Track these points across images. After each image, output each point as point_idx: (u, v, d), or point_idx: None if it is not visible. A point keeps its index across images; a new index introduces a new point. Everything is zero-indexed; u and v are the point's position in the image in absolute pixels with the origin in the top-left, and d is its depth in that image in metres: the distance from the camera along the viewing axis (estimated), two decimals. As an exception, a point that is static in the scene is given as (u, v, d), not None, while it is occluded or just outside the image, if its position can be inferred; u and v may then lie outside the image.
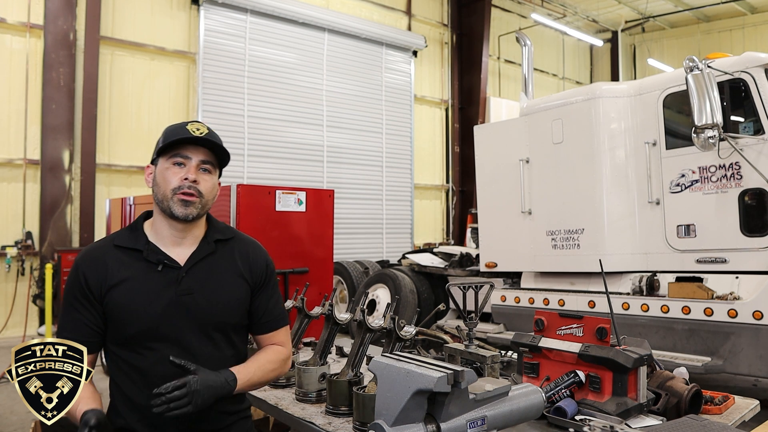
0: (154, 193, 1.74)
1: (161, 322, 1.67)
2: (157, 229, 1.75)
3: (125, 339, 1.68)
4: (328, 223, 5.02)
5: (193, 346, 1.70)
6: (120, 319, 1.66)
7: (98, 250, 1.73)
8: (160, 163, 1.73)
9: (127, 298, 1.66)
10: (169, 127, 1.79)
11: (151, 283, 1.69)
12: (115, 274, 1.67)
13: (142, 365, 1.67)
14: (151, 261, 1.71)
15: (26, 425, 4.88)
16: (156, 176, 1.74)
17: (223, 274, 1.77)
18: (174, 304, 1.68)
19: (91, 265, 1.68)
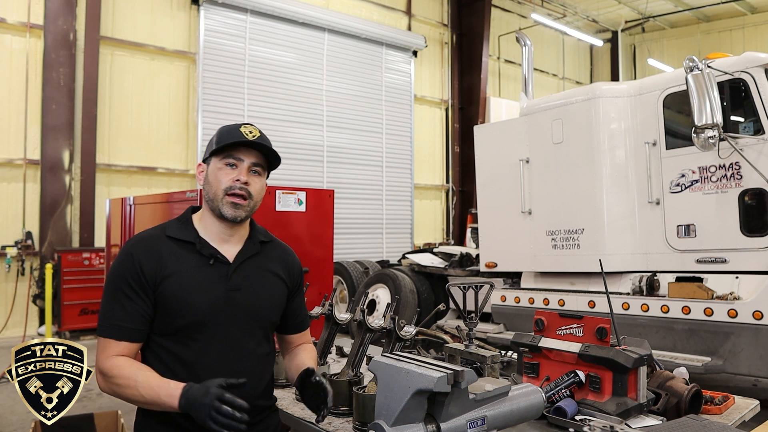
0: (205, 192, 1.78)
1: (210, 315, 1.69)
2: (206, 224, 1.78)
3: (173, 330, 1.68)
4: (328, 223, 5.02)
5: (237, 340, 1.73)
6: (171, 309, 1.66)
7: (151, 239, 1.73)
8: (213, 162, 1.77)
9: (180, 289, 1.67)
10: (223, 128, 1.81)
11: (202, 276, 1.70)
12: (169, 265, 1.68)
13: (187, 356, 1.68)
14: (204, 255, 1.73)
15: (26, 425, 4.88)
16: (208, 175, 1.77)
17: (266, 274, 1.83)
18: (223, 298, 1.70)
19: (146, 254, 1.68)
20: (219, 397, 1.50)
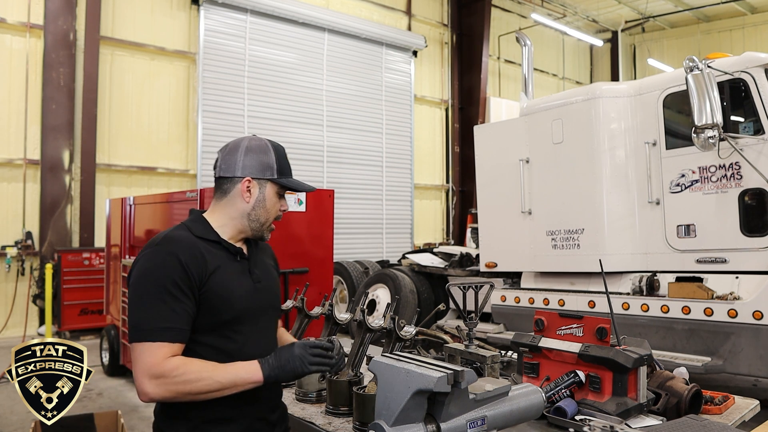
0: (255, 212, 1.81)
1: (246, 306, 1.75)
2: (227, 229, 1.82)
3: (218, 324, 1.70)
4: (328, 223, 5.01)
5: (266, 327, 1.85)
6: (216, 305, 1.68)
7: (187, 239, 1.71)
8: (270, 188, 1.83)
9: (222, 285, 1.70)
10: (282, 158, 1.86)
11: (234, 271, 1.76)
12: (211, 262, 1.70)
13: (231, 348, 1.71)
14: (231, 252, 1.79)
15: (26, 425, 4.88)
16: (266, 200, 1.82)
17: (268, 266, 1.96)
18: (252, 290, 1.78)
19: (190, 254, 1.66)
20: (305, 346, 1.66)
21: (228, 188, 1.81)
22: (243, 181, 1.78)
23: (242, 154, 1.80)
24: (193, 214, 1.85)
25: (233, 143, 1.85)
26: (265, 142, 1.84)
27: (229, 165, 1.80)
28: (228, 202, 1.81)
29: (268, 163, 1.80)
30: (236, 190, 1.80)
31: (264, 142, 1.84)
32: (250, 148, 1.81)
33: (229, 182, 1.81)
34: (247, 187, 1.79)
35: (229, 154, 1.82)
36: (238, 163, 1.79)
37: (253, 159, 1.80)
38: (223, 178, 1.82)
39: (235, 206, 1.80)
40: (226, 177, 1.81)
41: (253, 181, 1.80)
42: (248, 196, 1.79)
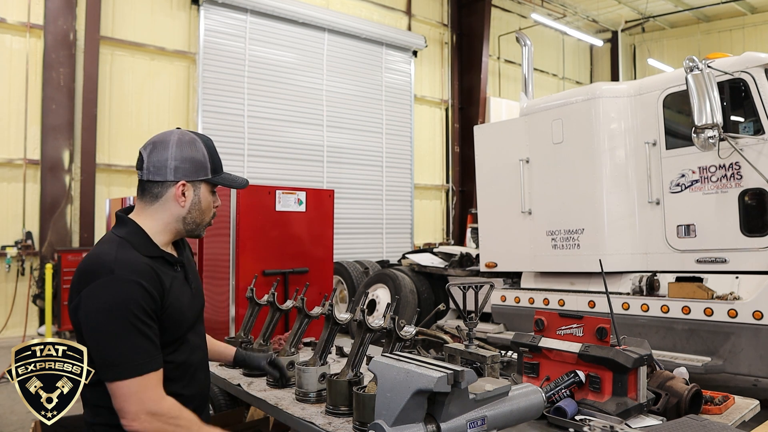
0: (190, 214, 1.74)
1: (192, 315, 1.77)
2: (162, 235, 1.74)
3: (174, 339, 1.69)
4: (328, 223, 5.01)
5: (200, 330, 1.86)
6: (176, 321, 1.68)
7: (139, 262, 1.62)
8: (204, 188, 1.75)
9: (177, 300, 1.69)
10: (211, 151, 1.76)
11: (178, 284, 1.73)
12: (165, 282, 1.66)
13: (180, 359, 1.72)
14: (171, 263, 1.74)
15: (26, 425, 4.88)
16: (201, 202, 1.74)
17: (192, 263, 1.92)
18: (191, 298, 1.78)
19: (150, 279, 1.61)
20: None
21: (159, 192, 1.71)
22: (177, 185, 1.69)
23: (172, 153, 1.67)
24: (127, 225, 1.71)
25: (158, 139, 1.72)
26: (193, 136, 1.74)
27: (158, 167, 1.68)
28: (160, 207, 1.72)
29: (201, 162, 1.71)
30: (169, 194, 1.70)
31: (191, 137, 1.73)
32: (179, 146, 1.69)
33: (160, 186, 1.70)
34: (182, 191, 1.70)
35: (156, 154, 1.69)
36: (169, 164, 1.67)
37: (185, 158, 1.69)
38: (152, 182, 1.70)
39: (169, 211, 1.72)
40: (156, 181, 1.70)
41: (187, 185, 1.70)
42: (183, 200, 1.71)
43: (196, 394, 1.76)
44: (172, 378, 1.70)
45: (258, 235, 4.44)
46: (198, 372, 1.78)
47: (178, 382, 1.71)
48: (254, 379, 2.87)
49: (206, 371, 1.87)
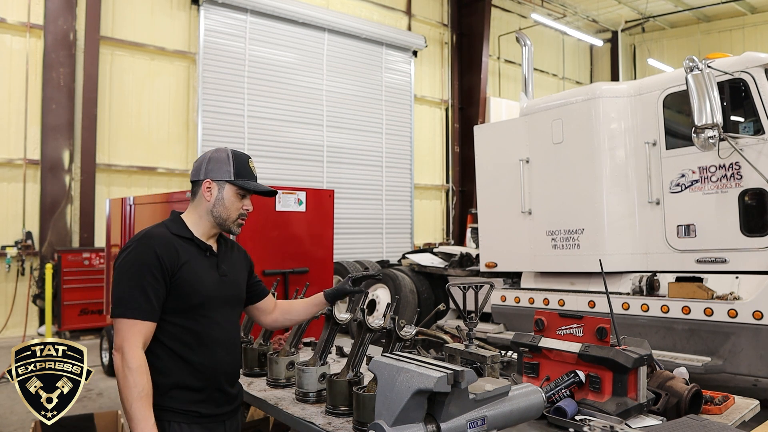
0: (215, 209, 2.10)
1: (212, 295, 2.04)
2: (198, 226, 2.12)
3: (188, 308, 1.99)
4: (328, 223, 5.01)
5: (229, 314, 2.13)
6: (186, 291, 1.97)
7: (164, 235, 2.02)
8: (229, 190, 2.11)
9: (192, 275, 2.00)
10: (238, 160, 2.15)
11: (203, 265, 2.06)
12: (183, 255, 2.00)
13: (197, 328, 2.00)
14: (201, 248, 2.08)
15: (26, 425, 4.88)
16: (224, 200, 2.11)
17: (236, 261, 2.23)
18: (218, 281, 2.08)
19: (165, 247, 1.97)
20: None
21: (196, 191, 2.14)
22: (204, 182, 2.11)
23: (206, 161, 2.13)
24: (173, 215, 2.16)
25: (204, 154, 2.18)
26: (228, 151, 2.16)
27: (196, 171, 2.14)
28: (197, 202, 2.13)
29: (226, 168, 2.11)
30: (200, 191, 2.11)
31: (226, 151, 2.16)
32: (212, 157, 2.14)
33: (196, 185, 2.14)
34: (207, 187, 2.10)
35: (198, 162, 2.15)
36: (202, 168, 2.12)
37: (214, 164, 2.12)
38: (193, 182, 2.15)
39: (201, 205, 2.11)
40: (194, 181, 2.15)
41: (212, 183, 2.10)
42: (209, 195, 2.10)
43: (208, 365, 2.00)
44: (185, 342, 1.98)
45: (258, 235, 4.44)
46: (217, 348, 2.03)
47: (190, 349, 1.98)
48: (254, 379, 2.87)
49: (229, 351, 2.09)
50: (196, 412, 1.98)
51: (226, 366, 2.07)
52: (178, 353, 1.96)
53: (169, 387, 1.94)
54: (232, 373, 2.12)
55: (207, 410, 2.00)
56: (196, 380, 1.98)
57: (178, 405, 1.95)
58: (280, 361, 2.72)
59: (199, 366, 1.98)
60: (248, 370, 2.93)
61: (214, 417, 2.02)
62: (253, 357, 2.93)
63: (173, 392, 1.95)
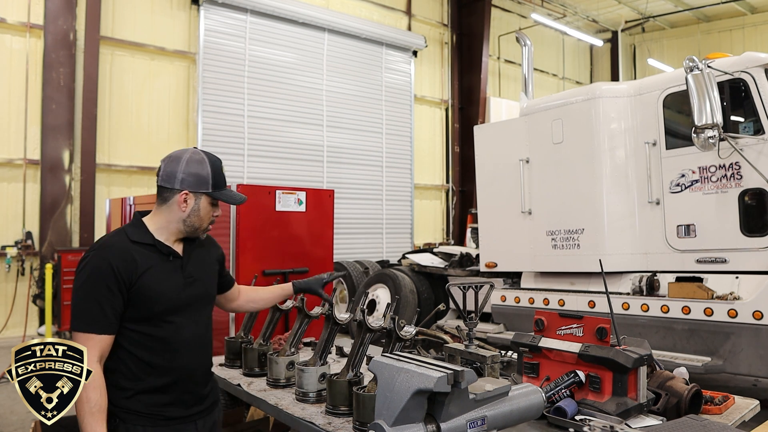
0: (189, 218, 2.07)
1: (177, 300, 2.03)
2: (164, 231, 2.08)
3: (150, 315, 1.98)
4: (328, 223, 5.01)
5: (198, 315, 2.11)
6: (148, 299, 1.96)
7: (121, 244, 1.99)
8: (204, 201, 2.08)
9: (154, 282, 1.98)
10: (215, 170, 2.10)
11: (165, 270, 2.03)
12: (142, 264, 1.97)
13: (163, 334, 1.99)
14: (163, 253, 2.04)
15: (26, 425, 4.88)
16: (200, 210, 2.08)
17: (205, 260, 2.21)
18: (182, 285, 2.05)
19: (120, 258, 1.94)
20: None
21: (168, 197, 2.06)
22: (181, 193, 2.04)
23: (182, 167, 2.05)
24: (135, 219, 2.12)
25: (175, 155, 2.10)
26: (203, 156, 2.10)
27: (169, 176, 2.05)
28: (167, 208, 2.06)
29: (204, 178, 2.06)
30: (174, 200, 2.05)
31: (201, 157, 2.09)
32: (189, 162, 2.06)
33: (168, 192, 2.06)
34: (184, 198, 2.05)
35: (170, 166, 2.06)
36: (177, 175, 2.04)
37: (191, 173, 2.05)
38: (163, 188, 2.06)
39: (173, 213, 2.06)
40: (166, 187, 2.06)
41: (189, 194, 2.05)
42: (185, 206, 2.06)
43: (175, 368, 2.00)
44: (149, 348, 1.98)
45: (258, 235, 4.44)
46: (183, 350, 2.03)
47: (155, 354, 1.98)
48: (254, 379, 2.88)
49: (198, 352, 2.09)
50: (162, 414, 1.98)
51: (195, 367, 2.07)
52: (142, 359, 1.95)
53: (135, 391, 1.95)
54: (202, 373, 2.12)
55: (175, 413, 2.00)
56: (162, 384, 1.98)
57: (143, 408, 1.95)
58: (280, 361, 2.72)
59: (166, 370, 1.98)
60: (248, 370, 2.93)
61: (182, 419, 2.02)
62: (253, 357, 2.93)
63: (139, 396, 1.95)
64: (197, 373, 2.09)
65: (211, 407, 2.16)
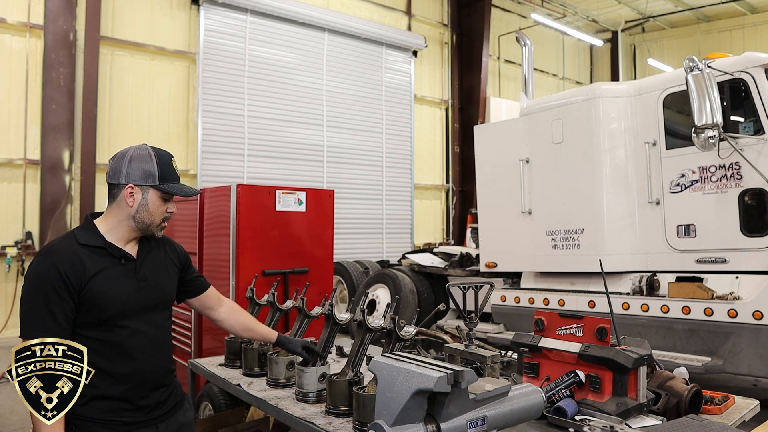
0: (138, 215, 2.02)
1: (130, 303, 1.98)
2: (116, 231, 2.03)
3: (101, 320, 1.93)
4: (328, 223, 5.01)
5: (153, 319, 2.07)
6: (99, 304, 1.92)
7: (69, 248, 1.94)
8: (152, 193, 2.03)
9: (105, 286, 1.93)
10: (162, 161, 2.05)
11: (116, 273, 1.98)
12: (91, 268, 1.92)
13: (117, 340, 1.95)
14: (115, 256, 2.00)
15: (26, 425, 4.88)
16: (148, 204, 2.02)
17: (162, 262, 2.16)
18: (136, 288, 2.01)
19: (68, 263, 1.89)
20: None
21: (116, 194, 2.02)
22: (126, 187, 2.00)
23: (127, 162, 2.01)
24: (86, 221, 2.07)
25: (121, 152, 2.06)
26: (149, 150, 2.05)
27: (115, 172, 2.02)
28: (116, 206, 2.02)
29: (150, 171, 2.01)
30: (122, 196, 2.01)
31: (147, 151, 2.05)
32: (133, 157, 2.02)
33: (116, 188, 2.02)
34: (129, 192, 2.00)
35: (116, 162, 2.03)
36: (122, 170, 2.00)
37: (136, 167, 2.01)
38: (111, 185, 2.03)
39: (121, 210, 2.02)
40: (113, 183, 2.03)
41: (135, 188, 2.01)
42: (132, 200, 2.01)
43: (131, 373, 1.97)
44: (102, 354, 1.93)
45: (258, 235, 4.44)
46: (138, 354, 1.98)
47: (109, 360, 1.94)
48: (254, 379, 2.88)
49: (154, 355, 2.04)
50: (120, 420, 1.94)
51: (152, 371, 2.03)
52: (96, 365, 1.87)
53: (89, 398, 1.90)
54: (159, 376, 2.07)
55: (132, 417, 1.97)
56: (117, 391, 1.95)
57: (98, 415, 1.92)
58: (280, 361, 2.72)
59: (121, 376, 1.95)
60: (248, 370, 2.94)
61: (142, 423, 1.99)
62: (253, 357, 2.93)
63: (94, 402, 1.91)
64: (154, 377, 2.04)
65: (173, 410, 2.12)
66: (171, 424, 2.09)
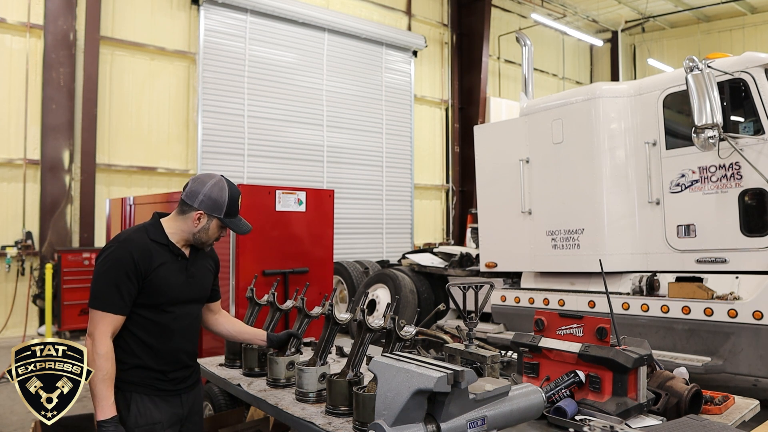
0: (198, 234, 2.40)
1: (180, 293, 2.37)
2: (176, 235, 2.40)
3: (156, 304, 2.30)
4: (328, 223, 5.01)
5: (192, 309, 2.46)
6: (157, 290, 2.28)
7: (141, 240, 2.31)
8: (214, 223, 2.41)
9: (165, 276, 2.30)
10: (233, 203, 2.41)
11: (173, 268, 2.36)
12: (157, 259, 2.30)
13: (164, 321, 2.32)
14: (174, 253, 2.38)
15: (26, 425, 4.88)
16: (209, 230, 2.41)
17: (204, 265, 2.53)
18: (186, 282, 2.39)
19: (141, 252, 2.25)
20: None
21: (186, 210, 2.39)
22: (197, 212, 2.38)
23: (205, 190, 2.38)
24: (153, 219, 2.44)
25: (203, 177, 2.44)
26: (225, 185, 2.42)
27: (192, 194, 2.39)
28: (183, 219, 2.40)
29: (220, 205, 2.39)
30: (190, 215, 2.38)
31: (224, 185, 2.41)
32: (212, 187, 2.39)
33: (188, 207, 2.39)
34: (197, 217, 2.38)
35: (196, 186, 2.40)
36: (198, 196, 2.37)
37: (210, 198, 2.37)
38: (184, 202, 2.39)
39: (186, 225, 2.40)
40: (186, 202, 2.39)
41: (204, 215, 2.38)
42: (197, 223, 2.39)
43: (169, 350, 2.33)
44: (149, 330, 2.30)
45: (258, 235, 4.43)
46: (176, 336, 2.36)
47: (152, 337, 2.30)
48: (254, 378, 2.88)
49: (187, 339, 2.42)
50: (153, 386, 2.31)
51: (184, 351, 2.41)
52: (142, 339, 2.28)
53: (132, 366, 2.27)
54: (189, 356, 2.46)
55: (163, 386, 2.33)
56: (156, 363, 2.31)
57: (138, 380, 2.28)
58: (280, 361, 2.72)
59: (161, 352, 2.32)
60: (248, 370, 2.94)
61: (170, 391, 2.35)
62: (253, 357, 2.93)
63: (135, 370, 2.28)
64: (185, 356, 2.42)
65: (194, 385, 2.49)
66: (191, 397, 2.45)
